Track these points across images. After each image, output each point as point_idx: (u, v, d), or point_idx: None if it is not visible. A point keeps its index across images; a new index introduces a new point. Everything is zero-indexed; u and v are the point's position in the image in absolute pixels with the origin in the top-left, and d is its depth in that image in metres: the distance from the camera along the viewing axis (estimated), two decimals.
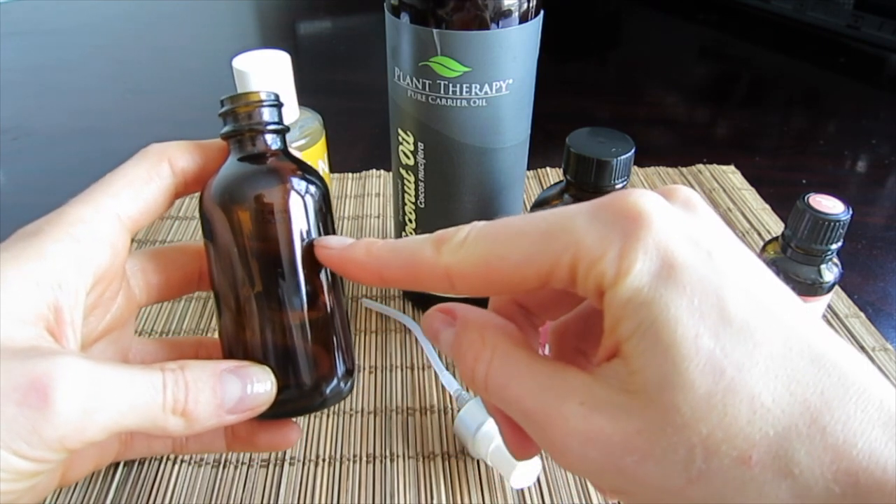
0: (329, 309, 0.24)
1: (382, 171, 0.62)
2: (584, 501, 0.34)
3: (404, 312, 0.46)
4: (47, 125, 0.74)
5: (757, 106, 0.82)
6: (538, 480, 0.35)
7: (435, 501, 0.34)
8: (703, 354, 0.15)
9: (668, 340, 0.15)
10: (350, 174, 0.62)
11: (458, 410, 0.36)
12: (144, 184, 0.24)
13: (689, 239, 0.16)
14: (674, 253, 0.16)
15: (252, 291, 0.23)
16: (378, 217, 0.57)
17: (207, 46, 0.98)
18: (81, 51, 0.95)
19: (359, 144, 0.68)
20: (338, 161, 0.58)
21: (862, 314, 0.47)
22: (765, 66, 0.95)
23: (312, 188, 0.24)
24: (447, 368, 0.40)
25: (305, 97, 0.43)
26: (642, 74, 0.92)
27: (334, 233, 0.24)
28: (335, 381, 0.25)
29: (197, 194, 0.25)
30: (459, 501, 0.34)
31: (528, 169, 0.64)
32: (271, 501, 0.34)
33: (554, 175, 0.63)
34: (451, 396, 0.39)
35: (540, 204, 0.38)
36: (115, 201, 0.23)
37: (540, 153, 0.68)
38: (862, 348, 0.44)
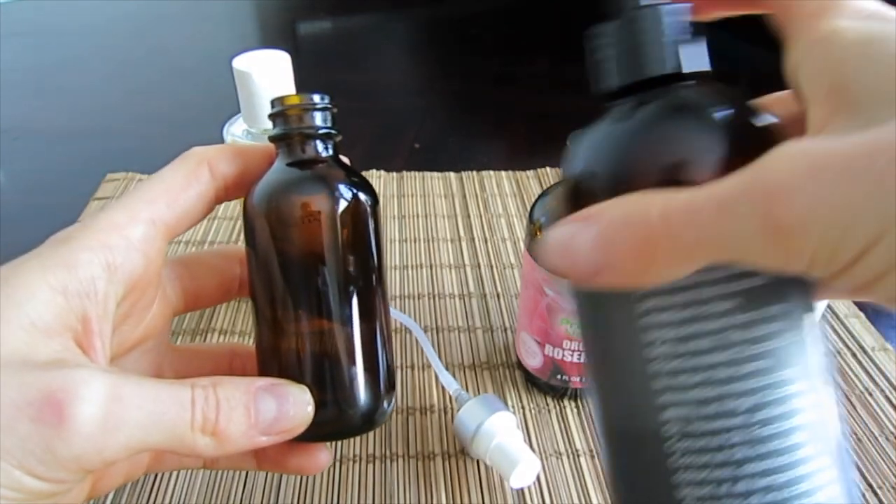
0: (374, 326, 0.23)
1: (382, 172, 0.62)
2: (583, 501, 0.34)
3: (403, 312, 0.46)
4: (47, 125, 0.74)
5: None
6: (538, 480, 0.35)
7: (435, 501, 0.34)
8: None
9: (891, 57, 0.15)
10: None
11: (458, 410, 0.36)
12: (182, 189, 0.23)
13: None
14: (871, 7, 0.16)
15: (293, 303, 0.22)
16: None
17: (207, 46, 0.98)
18: (82, 51, 0.95)
19: (359, 144, 0.68)
20: None
21: (861, 314, 0.47)
22: (765, 66, 0.95)
23: (362, 198, 0.23)
24: (447, 368, 0.40)
25: None
26: None
27: (380, 245, 0.23)
28: (376, 404, 0.23)
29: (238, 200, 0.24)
30: (459, 501, 0.34)
31: (528, 169, 0.64)
32: (271, 501, 0.34)
33: (554, 175, 0.63)
34: (450, 396, 0.39)
35: (541, 198, 0.38)
36: (150, 207, 0.22)
37: (540, 153, 0.68)
38: (862, 348, 0.45)
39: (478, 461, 0.36)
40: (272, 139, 0.23)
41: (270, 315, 0.22)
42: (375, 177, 0.62)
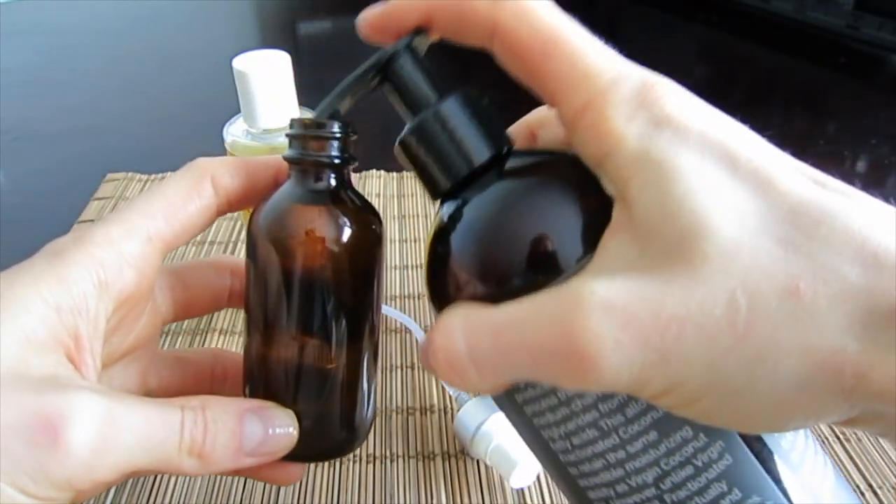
0: (364, 353, 0.23)
1: (382, 172, 0.62)
2: None
3: (404, 312, 0.46)
4: (47, 125, 0.74)
5: (757, 106, 0.82)
6: (538, 480, 0.35)
7: (435, 501, 0.34)
8: (723, 199, 0.15)
9: (682, 189, 0.15)
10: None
11: (458, 410, 0.36)
12: (183, 203, 0.22)
13: (680, 98, 0.17)
14: (664, 108, 0.16)
15: (286, 321, 0.22)
16: None
17: (207, 46, 0.98)
18: (81, 50, 0.95)
19: (359, 144, 0.68)
20: None
21: None
22: (765, 66, 0.95)
23: (368, 230, 0.23)
24: None
25: (305, 97, 0.43)
26: None
27: (381, 276, 0.23)
28: (357, 429, 0.24)
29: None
30: (459, 501, 0.34)
31: None
32: (271, 502, 0.34)
33: None
34: (450, 396, 0.39)
35: None
36: (148, 221, 0.21)
37: None
38: None
39: (478, 461, 0.36)
40: (287, 159, 0.23)
41: (262, 329, 0.23)
42: (375, 177, 0.62)
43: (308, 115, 0.44)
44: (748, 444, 0.17)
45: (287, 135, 0.23)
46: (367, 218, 0.23)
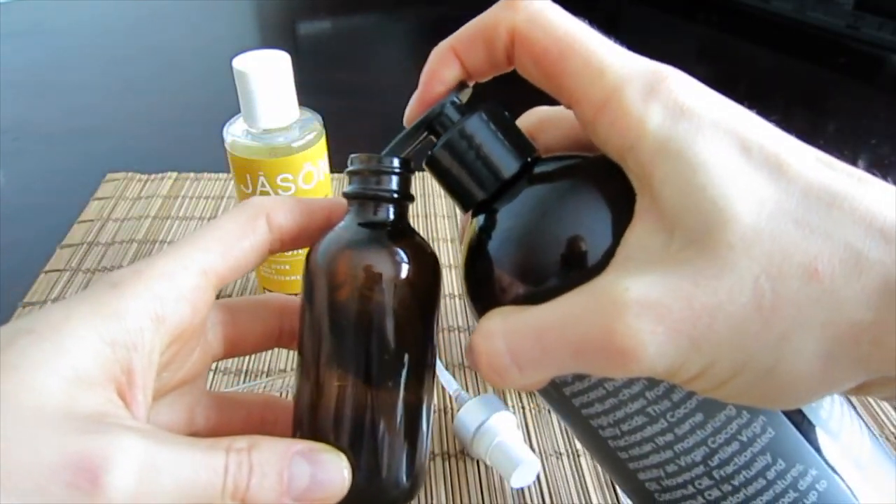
0: (423, 397, 0.22)
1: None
2: (583, 501, 0.34)
3: None
4: (47, 125, 0.74)
5: (757, 106, 0.82)
6: (538, 480, 0.35)
7: (435, 501, 0.34)
8: (741, 186, 0.16)
9: (702, 179, 0.16)
10: None
11: (458, 410, 0.36)
12: (237, 239, 0.22)
13: (691, 88, 0.18)
14: (678, 99, 0.17)
15: (342, 364, 0.21)
16: None
17: (207, 46, 0.98)
18: (81, 51, 0.95)
19: (359, 144, 0.68)
20: (338, 161, 0.58)
21: None
22: (765, 65, 0.95)
23: (427, 266, 0.22)
24: (447, 368, 0.40)
25: (305, 97, 0.43)
26: None
27: (438, 318, 0.23)
28: (415, 477, 0.22)
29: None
30: (459, 501, 0.34)
31: None
32: None
33: None
34: (450, 396, 0.39)
35: None
36: (203, 255, 0.21)
37: None
38: None
39: (478, 461, 0.36)
40: (346, 195, 0.22)
41: (315, 371, 0.22)
42: None
43: (295, 111, 0.44)
44: (788, 417, 0.18)
45: (347, 171, 0.22)
46: (426, 254, 0.22)
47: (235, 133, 0.42)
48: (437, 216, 0.57)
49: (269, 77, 0.40)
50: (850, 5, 0.92)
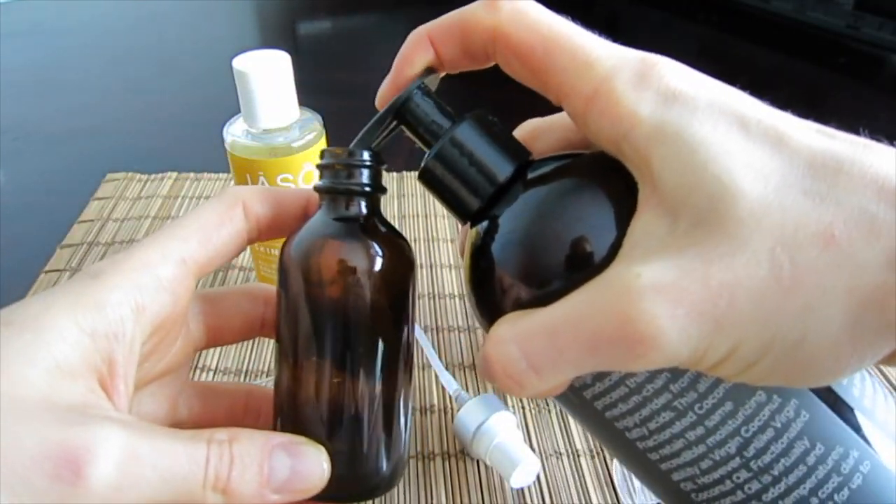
0: (399, 386, 0.23)
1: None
2: (583, 501, 0.34)
3: None
4: (47, 125, 0.74)
5: None
6: (538, 480, 0.35)
7: (435, 501, 0.34)
8: (743, 161, 0.15)
9: (702, 158, 0.16)
10: None
11: (458, 410, 0.36)
12: (216, 228, 0.22)
13: (681, 72, 0.17)
14: (670, 84, 0.17)
15: (318, 353, 0.22)
16: None
17: (207, 46, 0.98)
18: (81, 51, 0.95)
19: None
20: None
21: None
22: (765, 66, 0.95)
23: (400, 258, 0.22)
24: (447, 368, 0.40)
25: (305, 97, 0.43)
26: None
27: (413, 308, 0.23)
28: (394, 467, 0.22)
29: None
30: (459, 501, 0.34)
31: None
32: None
33: None
34: (450, 396, 0.39)
35: None
36: (182, 245, 0.21)
37: None
38: None
39: (478, 461, 0.36)
40: (318, 189, 0.23)
41: (293, 361, 0.22)
42: None
43: (295, 111, 0.44)
44: (821, 398, 0.17)
45: (318, 165, 0.23)
46: (399, 246, 0.23)
47: (235, 133, 0.42)
48: (437, 216, 0.57)
49: (269, 77, 0.40)
50: (850, 5, 0.92)
